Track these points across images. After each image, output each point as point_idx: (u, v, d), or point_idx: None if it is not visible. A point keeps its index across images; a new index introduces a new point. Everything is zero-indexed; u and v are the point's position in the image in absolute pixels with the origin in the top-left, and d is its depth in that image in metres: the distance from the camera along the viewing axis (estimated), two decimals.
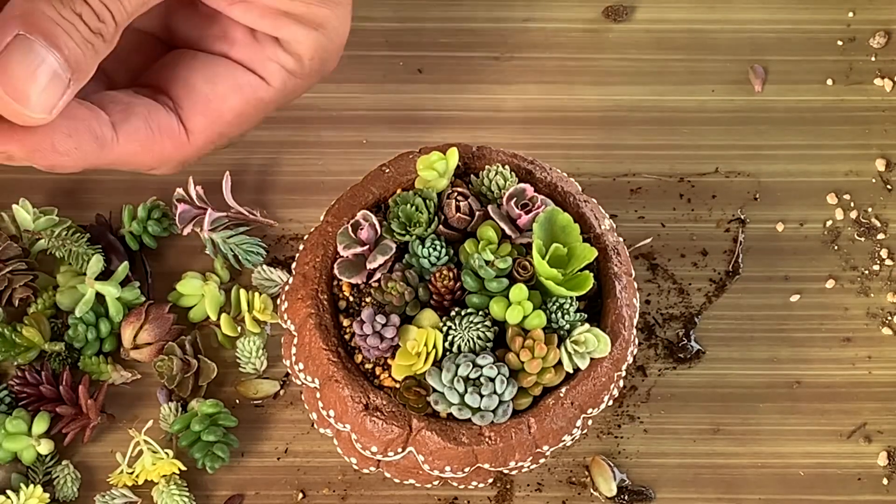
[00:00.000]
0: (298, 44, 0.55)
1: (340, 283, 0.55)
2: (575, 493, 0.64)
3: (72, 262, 0.65)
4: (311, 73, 0.57)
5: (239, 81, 0.56)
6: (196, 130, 0.55)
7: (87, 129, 0.51)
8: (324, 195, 0.67)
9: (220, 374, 0.65)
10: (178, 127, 0.55)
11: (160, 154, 0.54)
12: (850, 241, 0.69)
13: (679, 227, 0.69)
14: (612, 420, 0.65)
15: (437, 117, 0.71)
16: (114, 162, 0.53)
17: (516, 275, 0.53)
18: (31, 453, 0.62)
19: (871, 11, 0.75)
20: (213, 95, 0.55)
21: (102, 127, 0.51)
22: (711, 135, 0.72)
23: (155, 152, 0.54)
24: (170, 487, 0.62)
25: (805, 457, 0.65)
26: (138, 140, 0.53)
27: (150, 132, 0.53)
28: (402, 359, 0.52)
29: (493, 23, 0.74)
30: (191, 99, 0.55)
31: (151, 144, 0.54)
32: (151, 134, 0.53)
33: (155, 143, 0.54)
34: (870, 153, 0.71)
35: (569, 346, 0.53)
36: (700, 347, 0.67)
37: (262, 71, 0.56)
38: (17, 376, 0.63)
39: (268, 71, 0.56)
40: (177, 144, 0.55)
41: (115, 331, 0.65)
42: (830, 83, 0.73)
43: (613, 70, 0.73)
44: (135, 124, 0.53)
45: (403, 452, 0.54)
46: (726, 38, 0.74)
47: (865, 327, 0.68)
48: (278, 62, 0.56)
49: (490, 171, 0.56)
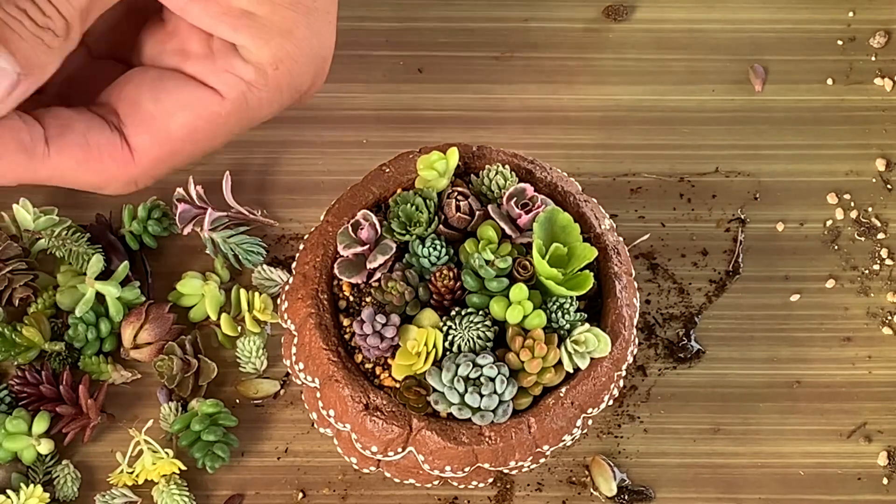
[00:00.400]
0: (259, 50, 0.52)
1: (340, 283, 0.55)
2: (575, 492, 0.64)
3: (72, 261, 0.65)
4: (278, 85, 0.53)
5: (187, 97, 0.53)
6: (141, 149, 0.53)
7: (13, 138, 0.49)
8: (324, 195, 0.67)
9: (220, 373, 0.65)
10: (121, 144, 0.52)
11: (100, 172, 0.52)
12: (850, 241, 0.69)
13: (679, 227, 0.70)
14: (612, 420, 0.65)
15: (437, 117, 0.71)
16: (49, 177, 0.51)
17: (516, 274, 0.53)
18: (31, 453, 0.62)
19: (871, 11, 0.75)
20: (158, 112, 0.52)
21: (34, 139, 0.50)
22: (711, 135, 0.72)
23: (93, 170, 0.52)
24: (170, 487, 0.62)
25: (805, 457, 0.65)
26: (73, 156, 0.51)
27: (88, 148, 0.51)
28: (402, 358, 0.52)
29: (493, 22, 0.74)
30: (135, 116, 0.53)
31: (89, 162, 0.52)
32: (89, 150, 0.52)
33: (93, 161, 0.52)
34: (870, 153, 0.71)
35: (569, 346, 0.53)
36: (700, 347, 0.67)
37: (216, 83, 0.53)
38: (17, 376, 0.63)
39: (222, 83, 0.53)
40: (119, 163, 0.52)
41: (115, 330, 0.65)
42: (830, 83, 0.73)
43: (613, 70, 0.73)
44: (70, 139, 0.51)
45: (403, 452, 0.54)
46: (726, 37, 0.74)
47: (865, 327, 0.68)
48: (234, 73, 0.53)
49: (490, 170, 0.56)
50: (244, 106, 0.53)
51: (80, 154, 0.52)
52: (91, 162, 0.52)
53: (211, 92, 0.53)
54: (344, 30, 0.73)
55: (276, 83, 0.54)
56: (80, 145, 0.52)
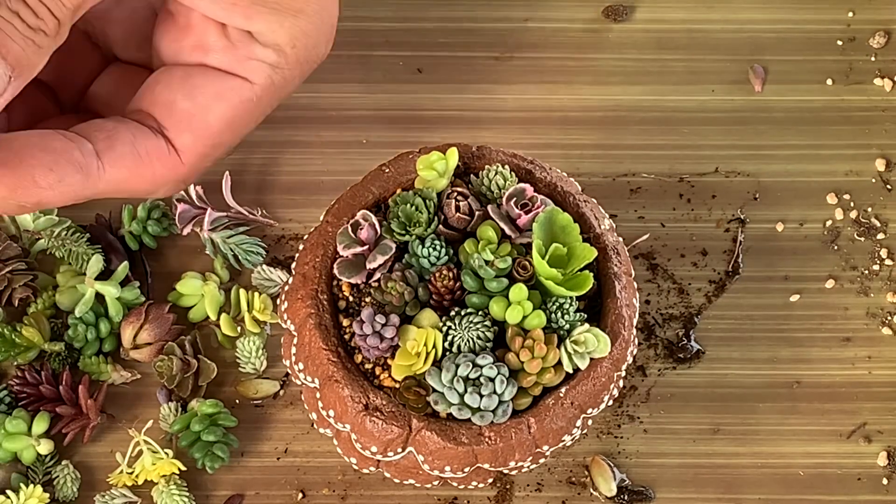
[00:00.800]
0: (274, 33, 0.53)
1: (340, 283, 0.55)
2: (575, 493, 0.64)
3: (72, 261, 0.65)
4: (298, 61, 0.55)
5: (219, 89, 0.54)
6: (186, 149, 0.53)
7: (68, 160, 0.50)
8: (324, 195, 0.67)
9: (220, 374, 0.65)
10: (167, 148, 0.53)
11: (153, 178, 0.53)
12: (850, 241, 0.69)
13: (679, 227, 0.70)
14: (612, 420, 0.65)
15: (437, 117, 0.71)
16: (104, 191, 0.52)
17: (516, 275, 0.53)
18: (30, 453, 0.62)
19: (871, 11, 0.75)
20: (196, 109, 0.53)
21: (86, 157, 0.50)
22: (711, 135, 0.72)
23: (146, 177, 0.53)
24: (170, 487, 0.62)
25: (805, 457, 0.65)
26: (126, 166, 0.52)
27: (138, 157, 0.52)
28: (401, 359, 0.52)
29: (493, 23, 0.74)
30: (173, 118, 0.53)
31: (141, 169, 0.52)
32: (139, 159, 0.52)
33: (144, 168, 0.52)
34: (870, 153, 0.71)
35: (569, 346, 0.53)
36: (700, 347, 0.67)
37: (243, 71, 0.54)
38: (17, 376, 0.63)
39: (248, 70, 0.54)
40: (168, 166, 0.53)
41: (115, 331, 0.65)
42: (830, 83, 0.73)
43: (613, 70, 0.73)
44: (120, 150, 0.51)
45: (403, 452, 0.54)
46: (726, 38, 0.74)
47: (865, 327, 0.68)
48: (257, 59, 0.54)
49: (490, 170, 0.56)
50: (272, 87, 0.55)
51: (131, 164, 0.52)
52: (143, 169, 0.52)
53: (240, 80, 0.54)
54: (344, 30, 0.73)
55: (296, 59, 0.55)
56: (130, 155, 0.52)
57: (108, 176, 0.51)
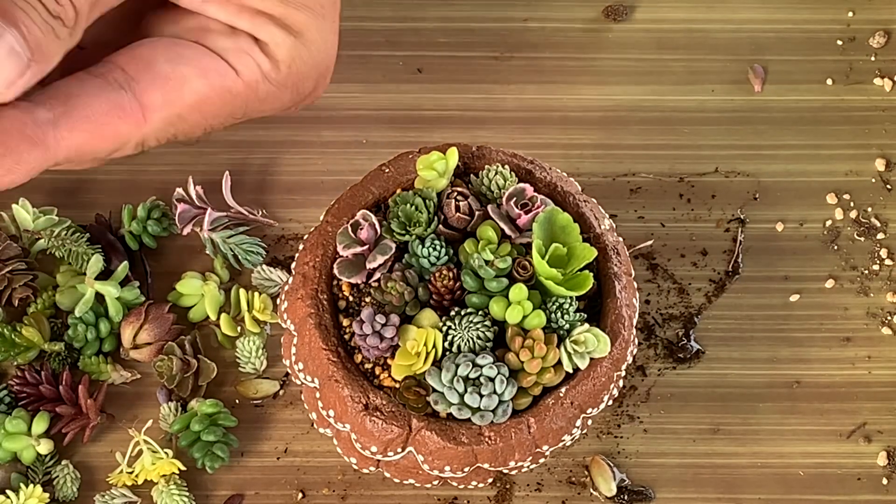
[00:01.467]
0: (276, 46, 0.52)
1: (340, 283, 0.55)
2: (575, 493, 0.64)
3: (71, 261, 0.65)
4: (286, 84, 0.54)
5: (205, 64, 0.52)
6: (152, 106, 0.51)
7: (21, 138, 0.47)
8: (324, 195, 0.67)
9: (220, 374, 0.65)
10: (131, 102, 0.50)
11: (114, 136, 0.50)
12: (850, 241, 0.69)
13: (679, 227, 0.70)
14: (612, 420, 0.65)
15: (437, 117, 0.71)
16: (67, 158, 0.49)
17: (516, 275, 0.53)
18: (30, 453, 0.62)
19: (871, 11, 0.75)
20: (174, 74, 0.51)
21: (41, 128, 0.48)
22: (711, 135, 0.72)
23: (108, 136, 0.50)
24: (169, 487, 0.62)
25: (805, 457, 0.65)
26: (86, 129, 0.49)
27: (97, 117, 0.50)
28: (401, 359, 0.52)
29: (493, 23, 0.74)
30: (149, 74, 0.51)
31: (102, 129, 0.50)
32: (98, 119, 0.50)
33: (105, 127, 0.50)
34: (870, 153, 0.71)
35: (568, 346, 0.53)
36: (700, 347, 0.67)
37: (234, 61, 0.52)
38: (17, 376, 0.63)
39: (241, 62, 0.52)
40: (130, 122, 0.51)
41: (115, 331, 0.65)
42: (830, 83, 0.73)
43: (613, 70, 0.73)
44: (78, 114, 0.49)
45: (403, 452, 0.54)
46: (726, 37, 0.74)
47: (865, 327, 0.68)
48: (253, 58, 0.52)
49: (490, 170, 0.56)
50: (254, 93, 0.53)
51: (90, 126, 0.49)
52: (103, 128, 0.50)
53: (227, 66, 0.52)
54: (344, 30, 0.73)
55: (285, 81, 0.54)
56: (89, 117, 0.49)
57: (68, 142, 0.49)
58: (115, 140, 0.51)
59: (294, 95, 0.55)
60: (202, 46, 0.52)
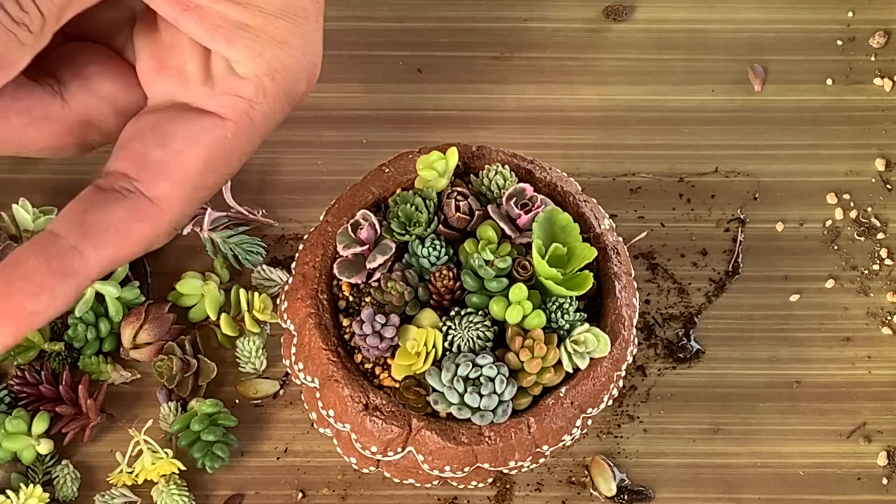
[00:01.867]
0: (254, 62, 0.51)
1: (340, 283, 0.55)
2: (575, 492, 0.64)
3: None
4: (277, 95, 0.53)
5: (190, 131, 0.52)
6: (164, 197, 0.51)
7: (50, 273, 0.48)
8: (324, 195, 0.67)
9: (220, 373, 0.65)
10: (143, 203, 0.51)
11: (140, 239, 0.51)
12: (850, 241, 0.69)
13: (679, 227, 0.70)
14: (612, 420, 0.65)
15: (437, 117, 0.71)
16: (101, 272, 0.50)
17: (516, 274, 0.53)
18: (30, 453, 0.62)
19: (871, 11, 0.75)
20: (169, 156, 0.51)
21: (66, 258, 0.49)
22: (711, 135, 0.72)
23: (133, 241, 0.51)
24: (169, 487, 0.62)
25: (805, 457, 0.65)
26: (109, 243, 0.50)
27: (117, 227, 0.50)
28: (401, 358, 0.52)
29: (493, 23, 0.74)
30: (146, 170, 0.51)
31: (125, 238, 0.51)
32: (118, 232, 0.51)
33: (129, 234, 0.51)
34: (870, 153, 0.71)
35: (568, 346, 0.53)
36: (700, 347, 0.67)
37: (216, 107, 0.52)
38: (17, 376, 0.63)
39: (222, 105, 0.52)
40: (150, 221, 0.51)
41: (115, 330, 0.65)
42: (830, 83, 0.73)
43: (613, 70, 0.73)
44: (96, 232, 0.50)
45: (403, 452, 0.54)
46: (726, 38, 0.74)
47: (865, 327, 0.68)
48: (234, 93, 0.52)
49: (490, 170, 0.56)
50: (249, 124, 0.53)
51: (113, 239, 0.50)
52: (128, 236, 0.51)
53: (212, 117, 0.52)
54: (344, 30, 0.73)
55: (276, 93, 0.53)
56: (108, 231, 0.50)
57: (96, 261, 0.50)
58: (141, 241, 0.51)
59: (290, 101, 0.54)
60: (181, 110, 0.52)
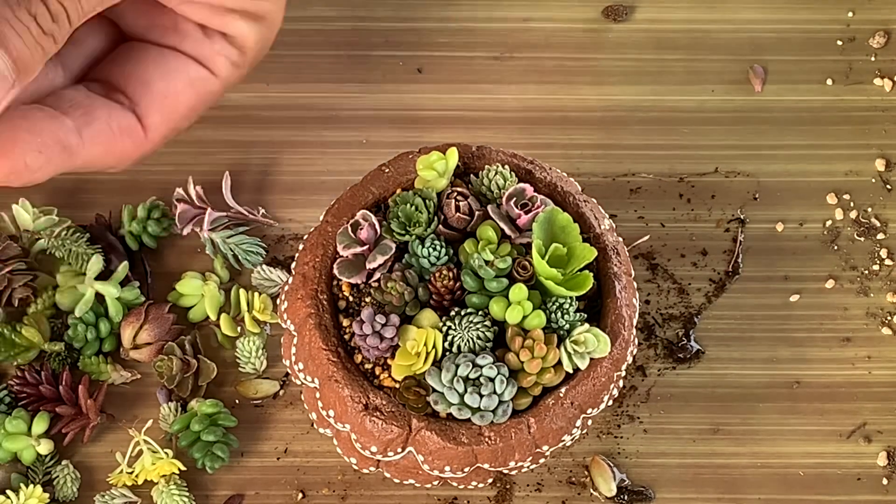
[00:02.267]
0: (244, 37, 0.56)
1: (340, 283, 0.55)
2: (575, 493, 0.64)
3: (72, 262, 0.65)
4: (252, 61, 0.58)
5: (191, 77, 0.56)
6: (153, 127, 0.55)
7: (55, 141, 0.50)
8: (324, 195, 0.67)
9: (220, 374, 0.65)
10: (137, 125, 0.55)
11: (121, 154, 0.55)
12: (850, 241, 0.69)
13: (679, 227, 0.69)
14: (612, 420, 0.65)
15: (437, 117, 0.71)
16: (79, 167, 0.53)
17: (516, 275, 0.53)
18: (30, 453, 0.62)
19: (871, 11, 0.75)
20: (169, 92, 0.55)
21: (68, 135, 0.51)
22: (711, 135, 0.72)
23: (116, 153, 0.54)
24: (169, 487, 0.62)
25: (805, 457, 0.65)
26: (101, 142, 0.53)
27: (112, 134, 0.53)
28: (401, 359, 0.52)
29: (493, 23, 0.74)
30: (148, 96, 0.55)
31: (114, 146, 0.54)
32: (113, 135, 0.54)
33: (116, 144, 0.54)
34: (870, 153, 0.71)
35: (568, 346, 0.53)
36: (700, 347, 0.67)
37: (212, 65, 0.56)
38: (17, 376, 0.63)
39: (216, 65, 0.56)
40: (136, 143, 0.55)
41: (115, 331, 0.65)
42: (830, 83, 0.73)
43: (613, 70, 0.73)
44: (97, 127, 0.53)
45: (403, 452, 0.54)
46: (726, 38, 0.74)
47: (865, 327, 0.68)
48: (225, 56, 0.56)
49: (490, 170, 0.56)
50: (228, 83, 0.57)
51: (107, 140, 0.54)
52: (115, 145, 0.54)
53: (207, 72, 0.56)
54: (344, 30, 0.73)
55: (252, 60, 0.58)
56: (106, 131, 0.54)
57: (86, 152, 0.52)
58: (122, 156, 0.55)
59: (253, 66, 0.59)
60: (182, 55, 0.56)
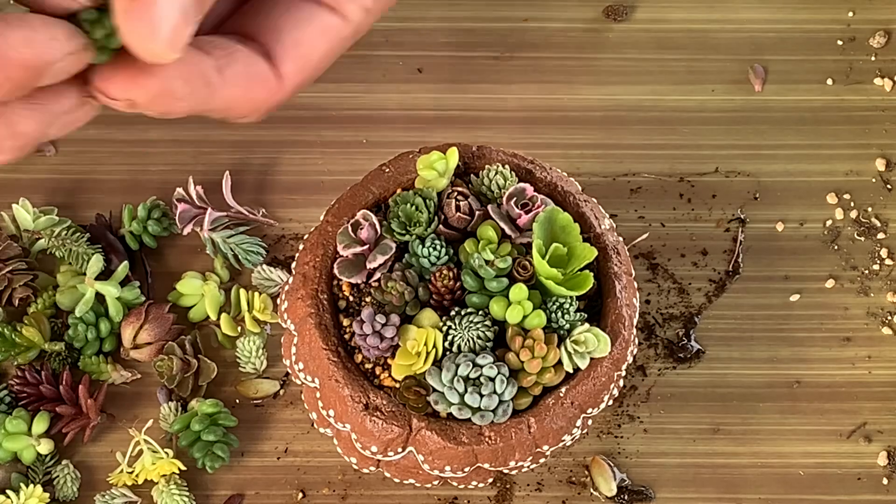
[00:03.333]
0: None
1: (340, 283, 0.55)
2: (575, 492, 0.64)
3: (72, 261, 0.65)
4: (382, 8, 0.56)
5: (324, 25, 0.54)
6: (288, 76, 0.53)
7: (199, 73, 0.51)
8: (324, 195, 0.67)
9: (220, 373, 0.65)
10: (271, 74, 0.53)
11: (256, 101, 0.53)
12: (850, 241, 0.69)
13: (679, 227, 0.70)
14: (612, 420, 0.65)
15: (437, 117, 0.71)
16: (214, 109, 0.53)
17: (516, 274, 0.53)
18: (31, 453, 0.62)
19: (871, 11, 0.75)
20: (303, 40, 0.54)
21: (211, 71, 0.52)
22: (711, 135, 0.72)
23: (251, 100, 0.53)
24: (170, 487, 0.62)
25: (805, 457, 0.65)
26: (239, 86, 0.53)
27: (249, 79, 0.53)
28: (402, 358, 0.52)
29: (494, 23, 0.74)
30: (282, 45, 0.53)
31: (250, 92, 0.52)
32: (250, 81, 0.52)
33: (252, 90, 0.52)
34: (870, 153, 0.71)
35: (569, 346, 0.53)
36: (700, 347, 0.67)
37: (344, 9, 0.54)
38: (17, 376, 0.63)
39: (348, 11, 0.54)
40: (272, 91, 0.53)
41: (115, 331, 0.65)
42: (830, 83, 0.73)
43: (613, 70, 0.73)
44: (237, 69, 0.53)
45: (403, 452, 0.54)
46: (726, 37, 0.74)
47: (865, 327, 0.68)
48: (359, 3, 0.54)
49: (490, 170, 0.56)
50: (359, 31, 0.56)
51: (244, 84, 0.53)
52: (251, 91, 0.52)
53: (339, 18, 0.54)
54: None
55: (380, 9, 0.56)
56: (244, 75, 0.53)
57: (226, 93, 0.51)
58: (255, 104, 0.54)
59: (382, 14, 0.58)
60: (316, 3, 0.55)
